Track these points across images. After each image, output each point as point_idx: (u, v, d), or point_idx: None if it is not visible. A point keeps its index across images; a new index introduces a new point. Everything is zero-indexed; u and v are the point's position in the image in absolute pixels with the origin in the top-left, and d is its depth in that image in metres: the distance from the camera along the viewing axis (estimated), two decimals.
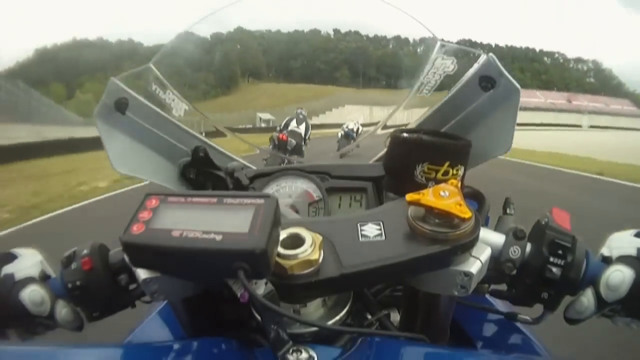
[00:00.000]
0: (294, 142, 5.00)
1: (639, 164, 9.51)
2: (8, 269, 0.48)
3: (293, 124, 5.26)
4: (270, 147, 4.86)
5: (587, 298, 0.45)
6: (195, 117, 0.83)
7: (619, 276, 0.43)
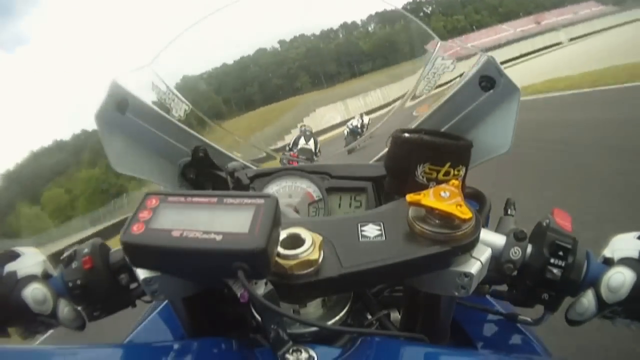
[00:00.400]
0: (304, 157, 5.22)
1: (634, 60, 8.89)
2: (11, 266, 0.48)
3: (302, 142, 5.45)
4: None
5: (588, 299, 0.45)
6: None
7: (619, 278, 0.43)
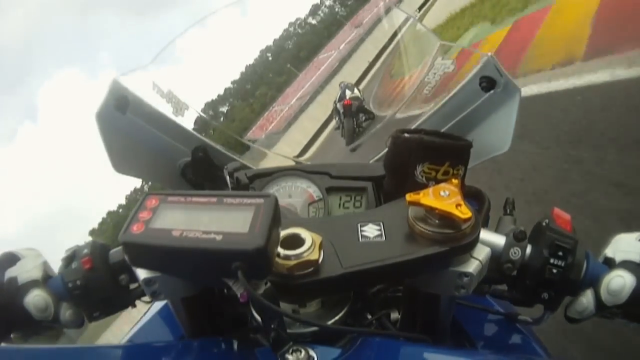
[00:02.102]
0: (357, 103, 5.54)
1: None
2: (11, 272, 0.48)
3: (348, 93, 5.93)
4: (336, 117, 5.26)
5: (587, 299, 0.45)
6: None
7: (619, 282, 0.43)
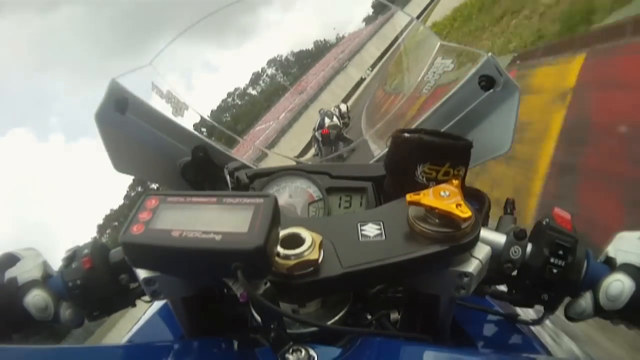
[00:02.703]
0: (335, 132, 5.81)
1: None
2: (11, 272, 0.48)
3: (327, 121, 6.03)
4: (314, 145, 5.64)
5: (586, 301, 0.45)
6: None
7: (618, 286, 0.43)
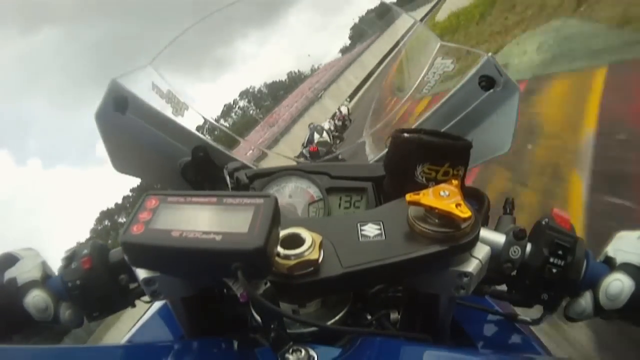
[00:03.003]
0: (324, 149, 5.55)
1: None
2: (11, 272, 0.48)
3: (317, 137, 5.89)
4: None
5: (586, 301, 0.45)
6: None
7: (618, 286, 0.43)
